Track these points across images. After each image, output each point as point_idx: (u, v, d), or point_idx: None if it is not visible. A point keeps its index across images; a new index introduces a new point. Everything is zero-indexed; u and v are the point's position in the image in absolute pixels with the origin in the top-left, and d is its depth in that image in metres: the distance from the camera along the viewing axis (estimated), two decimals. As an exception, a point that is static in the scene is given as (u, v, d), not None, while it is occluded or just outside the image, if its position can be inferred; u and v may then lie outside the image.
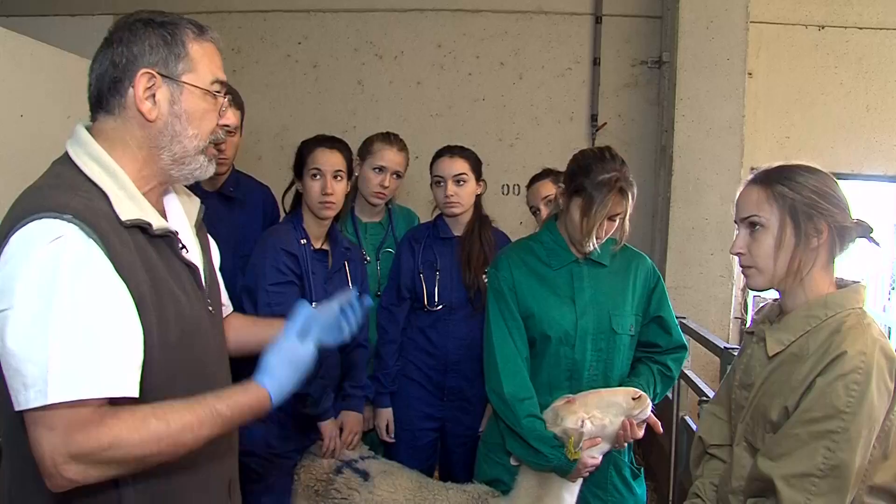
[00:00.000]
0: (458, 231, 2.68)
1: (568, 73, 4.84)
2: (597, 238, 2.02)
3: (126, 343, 1.12)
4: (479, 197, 2.69)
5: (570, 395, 1.96)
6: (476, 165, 2.66)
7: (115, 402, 1.11)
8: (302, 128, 4.78)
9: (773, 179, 1.50)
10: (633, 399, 1.90)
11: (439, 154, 2.68)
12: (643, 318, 2.18)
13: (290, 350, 1.36)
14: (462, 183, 2.60)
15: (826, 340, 1.40)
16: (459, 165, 2.60)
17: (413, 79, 4.91)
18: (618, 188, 1.97)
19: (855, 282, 1.50)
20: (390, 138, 2.78)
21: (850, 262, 1.50)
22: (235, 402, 1.22)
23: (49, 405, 1.04)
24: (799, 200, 1.45)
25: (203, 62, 1.30)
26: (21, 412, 1.07)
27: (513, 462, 2.05)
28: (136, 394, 1.12)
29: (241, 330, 1.65)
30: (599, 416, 1.89)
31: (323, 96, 4.94)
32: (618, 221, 2.04)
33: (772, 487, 1.38)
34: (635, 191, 2.03)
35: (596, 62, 4.78)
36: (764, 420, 1.47)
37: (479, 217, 2.69)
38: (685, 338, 3.26)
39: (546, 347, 2.09)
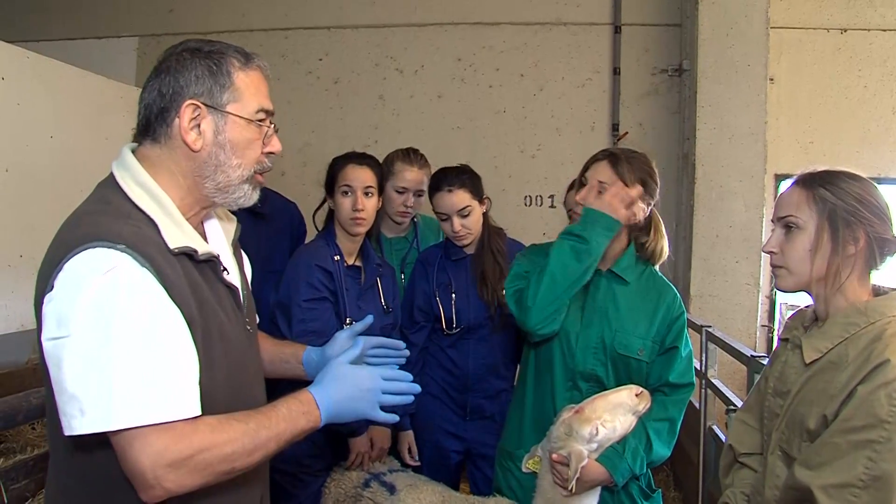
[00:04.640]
0: (469, 250, 2.60)
1: (588, 83, 4.85)
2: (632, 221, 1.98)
3: (185, 365, 1.14)
4: (485, 214, 2.59)
5: (574, 405, 1.95)
6: (476, 189, 2.51)
7: None
8: (324, 143, 4.86)
9: (817, 182, 1.48)
10: (636, 395, 1.90)
11: (436, 188, 2.51)
12: (659, 347, 2.07)
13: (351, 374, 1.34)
14: (467, 215, 2.49)
15: (867, 348, 1.38)
16: (460, 198, 2.46)
17: (434, 92, 4.95)
18: (599, 156, 2.01)
19: (893, 289, 1.48)
20: (410, 157, 2.74)
21: (890, 271, 1.48)
22: (294, 427, 1.24)
23: (143, 425, 1.06)
24: (840, 206, 1.44)
25: (249, 91, 1.30)
26: (94, 434, 1.06)
27: (524, 469, 2.02)
28: (199, 412, 1.13)
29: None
30: (610, 419, 1.88)
31: (344, 111, 5.00)
32: (639, 211, 1.96)
33: (809, 497, 1.35)
34: (631, 168, 1.96)
35: (616, 72, 4.80)
36: (801, 428, 1.45)
37: (488, 232, 2.59)
38: (712, 346, 3.27)
39: (549, 354, 2.07)
